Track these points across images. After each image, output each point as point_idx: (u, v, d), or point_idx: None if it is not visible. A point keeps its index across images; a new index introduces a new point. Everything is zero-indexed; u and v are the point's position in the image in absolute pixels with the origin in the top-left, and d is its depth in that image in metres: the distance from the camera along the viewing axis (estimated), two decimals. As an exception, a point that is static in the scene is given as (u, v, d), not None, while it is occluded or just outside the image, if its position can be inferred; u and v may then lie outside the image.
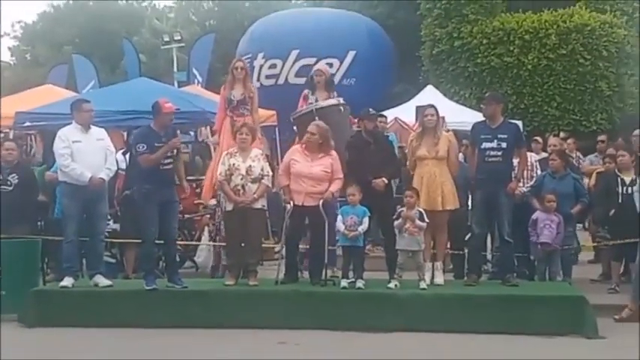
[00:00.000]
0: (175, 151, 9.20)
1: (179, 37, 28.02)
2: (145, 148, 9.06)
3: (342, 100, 10.19)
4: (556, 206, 9.87)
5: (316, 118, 9.66)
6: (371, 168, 9.18)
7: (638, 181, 9.33)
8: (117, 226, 10.86)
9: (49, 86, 18.33)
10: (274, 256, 11.28)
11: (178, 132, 9.97)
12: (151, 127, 9.23)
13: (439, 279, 9.28)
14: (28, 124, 12.98)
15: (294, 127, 10.27)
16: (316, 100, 10.12)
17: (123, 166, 10.85)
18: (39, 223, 11.04)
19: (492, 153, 9.23)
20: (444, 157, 9.37)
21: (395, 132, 14.75)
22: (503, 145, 9.23)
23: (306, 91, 10.44)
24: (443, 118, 13.95)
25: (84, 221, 9.29)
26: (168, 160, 9.12)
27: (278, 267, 9.49)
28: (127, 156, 11.01)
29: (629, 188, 9.80)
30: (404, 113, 15.91)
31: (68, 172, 9.20)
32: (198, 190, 12.09)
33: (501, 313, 8.55)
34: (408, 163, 9.78)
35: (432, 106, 9.79)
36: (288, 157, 9.47)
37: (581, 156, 13.76)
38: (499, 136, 9.24)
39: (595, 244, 11.76)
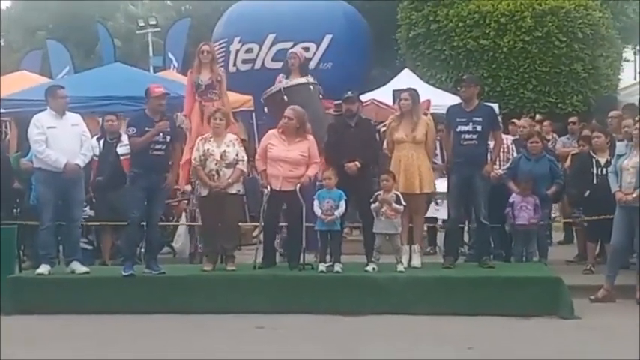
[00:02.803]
0: (169, 137, 9.14)
1: (154, 22, 27.87)
2: (135, 131, 9.08)
3: (311, 80, 10.18)
4: (532, 188, 9.94)
5: (284, 97, 9.66)
6: (349, 152, 9.19)
7: (612, 162, 9.38)
8: (93, 213, 10.81)
9: (23, 72, 18.18)
10: (252, 240, 11.28)
11: (176, 115, 9.95)
12: (145, 112, 9.21)
13: (416, 261, 9.32)
14: (2, 110, 12.86)
15: (265, 108, 10.27)
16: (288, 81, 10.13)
17: (97, 152, 10.78)
18: (14, 210, 10.97)
19: (468, 136, 9.26)
20: (422, 141, 9.39)
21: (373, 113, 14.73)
22: (479, 128, 9.26)
23: (280, 76, 10.42)
24: (429, 101, 14.06)
25: (60, 208, 9.24)
26: (160, 146, 9.08)
27: (256, 251, 9.49)
28: (101, 142, 10.94)
29: (604, 169, 9.86)
30: (381, 97, 15.88)
31: (43, 159, 9.14)
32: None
33: (478, 295, 8.61)
34: (385, 145, 9.79)
35: (410, 89, 9.80)
36: (264, 141, 9.46)
37: (557, 138, 13.84)
38: (474, 119, 9.28)
39: (566, 220, 11.88)
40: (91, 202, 10.76)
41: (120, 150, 10.73)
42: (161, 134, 9.06)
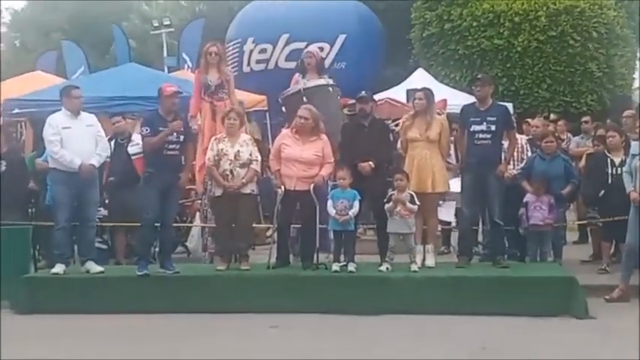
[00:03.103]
0: (182, 137, 9.16)
1: (168, 22, 27.91)
2: (149, 131, 9.11)
3: (330, 81, 10.18)
4: (547, 188, 9.90)
5: (304, 98, 9.66)
6: (362, 151, 9.19)
7: (627, 161, 9.34)
8: (107, 212, 10.85)
9: (38, 73, 18.27)
10: (266, 240, 11.29)
11: (190, 116, 9.99)
12: (159, 112, 9.24)
13: (430, 261, 9.31)
14: (17, 110, 12.94)
15: (283, 108, 10.27)
16: (307, 82, 10.11)
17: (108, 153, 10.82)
18: (30, 210, 11.03)
19: (482, 135, 9.24)
20: (436, 140, 9.38)
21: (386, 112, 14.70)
22: (493, 127, 9.23)
23: (297, 75, 10.41)
24: (445, 100, 14.04)
25: (75, 208, 9.28)
26: (173, 146, 9.10)
27: (270, 251, 9.50)
28: (112, 143, 10.98)
29: (619, 169, 9.82)
30: (395, 96, 15.88)
31: (58, 159, 9.18)
32: (189, 176, 12.07)
33: (492, 295, 8.59)
34: (399, 144, 9.79)
35: (425, 88, 9.79)
36: (278, 141, 9.46)
37: (572, 137, 13.79)
38: (488, 118, 9.25)
39: (580, 222, 11.85)
40: (104, 203, 10.80)
41: (131, 150, 10.76)
42: (175, 134, 9.08)
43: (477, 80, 9.72)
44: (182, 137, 9.16)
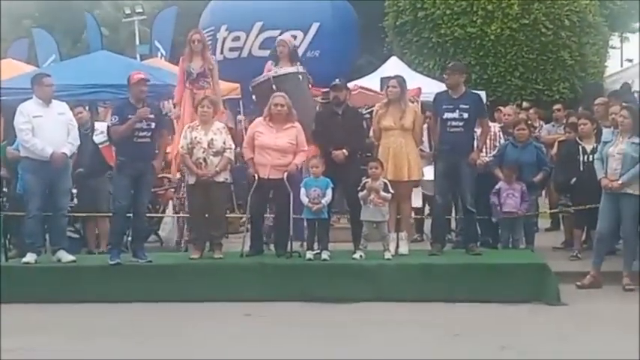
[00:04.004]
0: (153, 124, 9.10)
1: (140, 10, 27.72)
2: (117, 120, 9.08)
3: (301, 69, 10.15)
4: (519, 175, 9.96)
5: (273, 86, 9.64)
6: (336, 139, 9.19)
7: (598, 148, 9.41)
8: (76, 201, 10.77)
9: (9, 60, 18.04)
10: (239, 228, 11.28)
11: (163, 104, 9.91)
12: (129, 100, 9.19)
13: (404, 249, 9.34)
14: (-13, 99, 12.78)
15: (253, 96, 10.24)
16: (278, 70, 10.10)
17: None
18: (0, 199, 10.92)
19: (454, 123, 9.27)
20: (410, 128, 9.40)
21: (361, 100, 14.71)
22: (465, 115, 9.26)
23: (269, 63, 10.38)
24: (419, 89, 14.07)
25: (46, 197, 9.21)
26: (144, 133, 9.05)
27: (243, 239, 9.49)
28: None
29: (590, 156, 9.88)
30: (368, 84, 15.90)
31: (29, 148, 9.10)
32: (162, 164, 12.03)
33: (465, 282, 8.64)
34: (372, 132, 9.79)
35: (398, 76, 9.80)
36: (252, 129, 9.44)
37: (544, 125, 13.86)
38: (461, 106, 9.27)
39: (553, 211, 11.94)
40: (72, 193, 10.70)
41: (97, 139, 10.69)
42: (144, 121, 9.03)
43: (447, 68, 9.76)
44: (153, 124, 9.10)
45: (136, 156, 9.01)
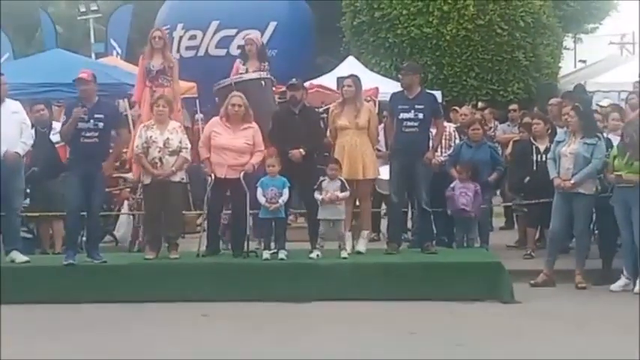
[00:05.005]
0: (101, 124, 8.98)
1: (95, 8, 27.41)
2: (66, 120, 9.02)
3: (264, 75, 10.14)
4: (473, 174, 10.04)
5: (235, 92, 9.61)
6: (293, 139, 9.20)
7: (551, 148, 9.54)
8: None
9: (-39, 59, 17.79)
10: (196, 228, 11.23)
11: (118, 102, 9.81)
12: (80, 99, 9.09)
13: (362, 247, 9.38)
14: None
15: (216, 99, 10.21)
16: (247, 71, 10.10)
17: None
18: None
19: (409, 123, 9.33)
20: (365, 127, 9.45)
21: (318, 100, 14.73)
22: (420, 115, 9.32)
23: (238, 61, 10.36)
24: (377, 88, 14.13)
25: (-1, 197, 9.09)
26: (91, 134, 8.94)
27: (200, 239, 9.45)
28: (33, 131, 10.72)
29: (544, 156, 10.02)
30: (325, 84, 15.91)
31: (-19, 147, 8.98)
32: (117, 164, 11.92)
33: (421, 281, 8.71)
34: (328, 132, 9.82)
35: (353, 75, 9.84)
36: (208, 129, 9.42)
37: (498, 125, 14.01)
38: (416, 106, 9.34)
39: (506, 205, 12.08)
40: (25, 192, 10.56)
41: (53, 138, 10.58)
42: (92, 121, 8.89)
43: (402, 69, 9.84)
44: (101, 124, 8.98)
45: (84, 156, 8.92)
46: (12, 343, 7.06)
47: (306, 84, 14.45)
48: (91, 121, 8.93)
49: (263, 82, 10.10)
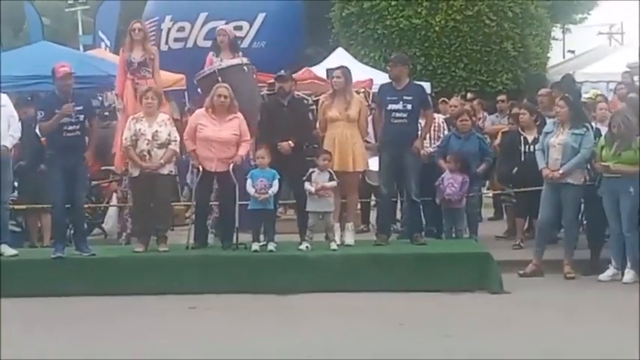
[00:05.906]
0: (82, 116, 8.96)
1: (83, 0, 27.35)
2: (43, 115, 8.94)
3: (245, 60, 10.11)
4: (462, 165, 10.05)
5: (219, 79, 9.58)
6: (282, 131, 9.18)
7: (540, 139, 9.55)
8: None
9: (-53, 52, 17.66)
10: (185, 221, 11.22)
11: (106, 95, 9.76)
12: (55, 93, 9.03)
13: (349, 239, 9.38)
14: None
15: (199, 90, 10.18)
16: (221, 62, 10.03)
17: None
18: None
19: (398, 115, 9.33)
20: (355, 119, 9.44)
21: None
22: (409, 106, 9.33)
23: (210, 54, 10.32)
24: (371, 80, 14.10)
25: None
26: (73, 127, 8.90)
27: (188, 232, 9.44)
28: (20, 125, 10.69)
29: (532, 147, 10.04)
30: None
31: (-32, 140, 8.94)
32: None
33: (410, 272, 8.72)
34: (318, 123, 9.81)
35: (342, 67, 9.82)
36: (193, 121, 9.36)
37: (487, 116, 14.00)
38: (405, 97, 9.34)
39: (495, 193, 12.10)
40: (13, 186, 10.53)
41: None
42: (73, 114, 8.87)
43: (390, 60, 9.83)
44: (82, 116, 8.94)
45: (66, 149, 8.88)
46: (1, 337, 7.04)
47: (303, 73, 14.51)
48: (72, 114, 8.90)
49: (245, 68, 10.04)
